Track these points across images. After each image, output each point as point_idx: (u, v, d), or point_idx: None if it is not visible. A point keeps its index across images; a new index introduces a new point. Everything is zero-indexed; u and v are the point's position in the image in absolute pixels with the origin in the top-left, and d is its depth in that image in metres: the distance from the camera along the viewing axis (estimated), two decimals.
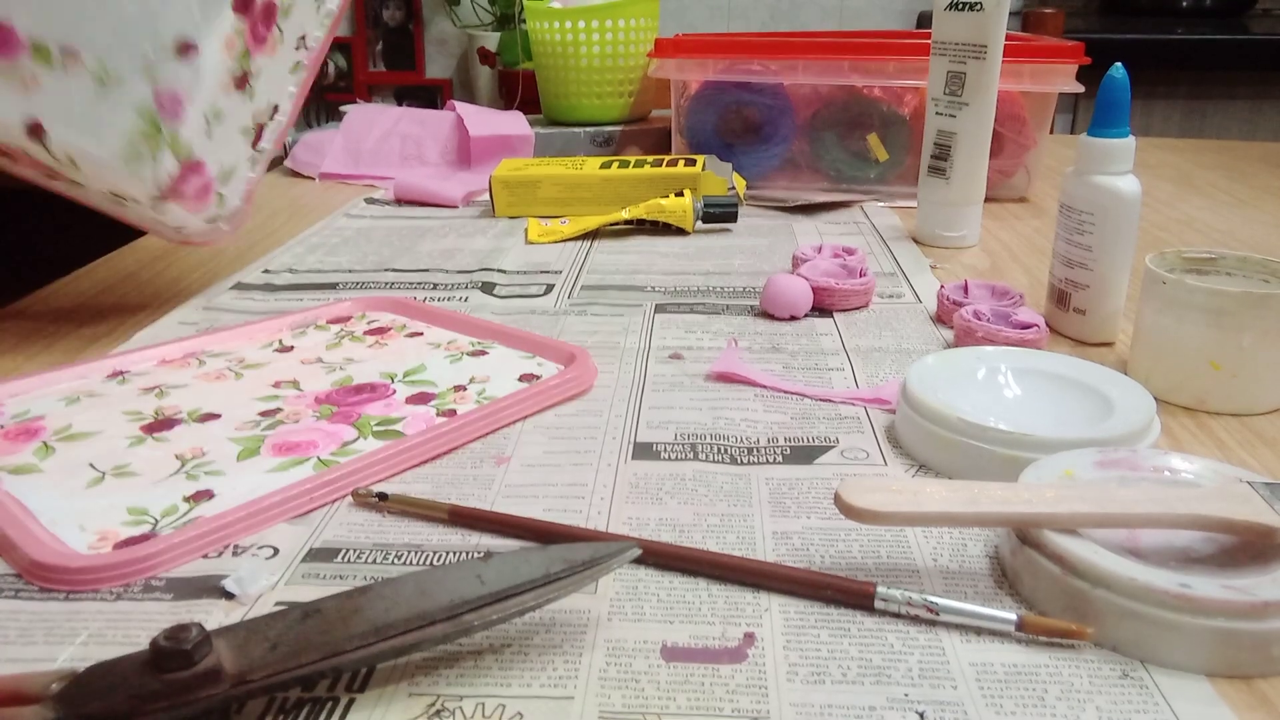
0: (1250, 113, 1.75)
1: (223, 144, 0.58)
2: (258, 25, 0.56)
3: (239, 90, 0.57)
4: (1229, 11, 2.00)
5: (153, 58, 0.52)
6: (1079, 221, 0.55)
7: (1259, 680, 0.31)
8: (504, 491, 0.42)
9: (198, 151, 0.56)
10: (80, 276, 0.72)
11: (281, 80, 0.61)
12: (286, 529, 0.39)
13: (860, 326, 0.60)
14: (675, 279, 0.69)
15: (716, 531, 0.38)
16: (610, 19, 1.04)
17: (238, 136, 0.59)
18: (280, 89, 0.61)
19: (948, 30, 0.73)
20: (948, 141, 0.74)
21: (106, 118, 0.52)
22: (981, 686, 0.30)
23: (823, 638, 0.32)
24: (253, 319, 0.60)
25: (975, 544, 0.37)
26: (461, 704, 0.30)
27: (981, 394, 0.45)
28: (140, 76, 0.52)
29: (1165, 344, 0.49)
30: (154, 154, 0.54)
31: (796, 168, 0.95)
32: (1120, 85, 0.53)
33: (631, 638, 0.32)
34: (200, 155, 0.56)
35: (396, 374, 0.52)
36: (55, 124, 0.52)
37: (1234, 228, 0.82)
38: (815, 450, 0.45)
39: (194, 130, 0.55)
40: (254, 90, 0.58)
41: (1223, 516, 0.33)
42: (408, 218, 0.87)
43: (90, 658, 0.30)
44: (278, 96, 0.61)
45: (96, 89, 0.51)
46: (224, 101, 0.56)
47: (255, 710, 0.29)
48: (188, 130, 0.54)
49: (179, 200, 0.57)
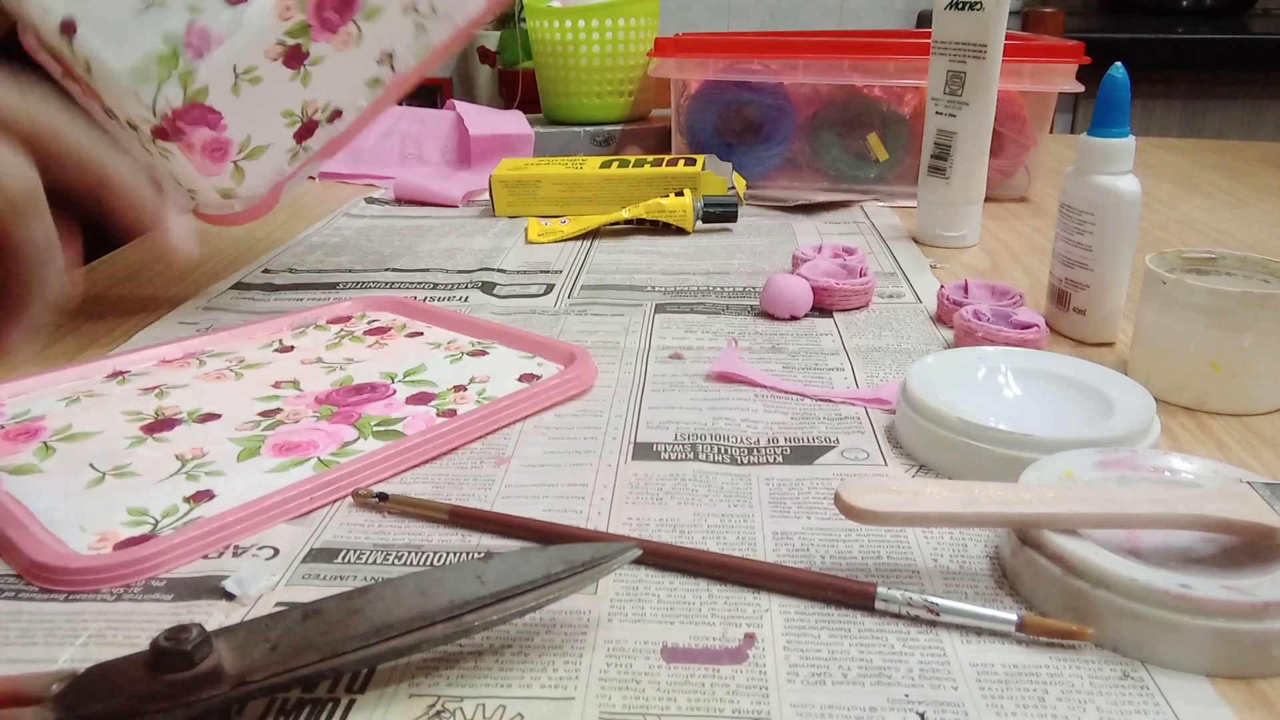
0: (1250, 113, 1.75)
1: (252, 110, 0.57)
2: (325, 8, 0.54)
3: (288, 66, 0.55)
4: (1229, 11, 2.00)
5: None
6: (1079, 221, 0.55)
7: (1259, 680, 0.31)
8: (504, 492, 0.42)
9: (213, 99, 0.55)
10: (80, 277, 0.72)
11: (350, 84, 0.59)
12: (287, 529, 0.39)
13: (860, 326, 0.60)
14: (675, 279, 0.69)
15: (716, 532, 0.38)
16: (610, 18, 1.04)
17: (276, 115, 0.58)
18: (346, 93, 0.60)
19: (948, 30, 0.73)
20: (948, 141, 0.74)
21: (135, 33, 0.52)
22: (982, 687, 0.30)
23: (823, 638, 0.32)
24: (253, 319, 0.60)
25: (975, 544, 0.37)
26: (462, 705, 0.30)
27: (981, 394, 0.45)
28: (183, 7, 0.52)
29: (1165, 344, 0.49)
30: (161, 80, 0.53)
31: (796, 167, 0.95)
32: (1120, 85, 0.53)
33: (632, 638, 0.32)
34: (216, 105, 0.55)
35: (396, 374, 0.52)
36: (87, 25, 0.52)
37: (1234, 228, 0.82)
38: (815, 450, 0.45)
39: (215, 75, 0.54)
40: (309, 75, 0.57)
41: (1223, 516, 0.33)
42: (408, 217, 0.87)
43: (90, 658, 0.29)
44: (341, 100, 0.60)
45: (138, 7, 0.52)
46: (265, 67, 0.55)
47: (256, 711, 0.29)
48: (207, 71, 0.54)
49: (181, 143, 0.56)
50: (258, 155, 0.59)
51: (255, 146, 0.58)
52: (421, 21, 0.59)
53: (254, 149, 0.58)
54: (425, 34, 0.60)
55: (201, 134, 0.56)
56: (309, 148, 0.61)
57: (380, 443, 0.44)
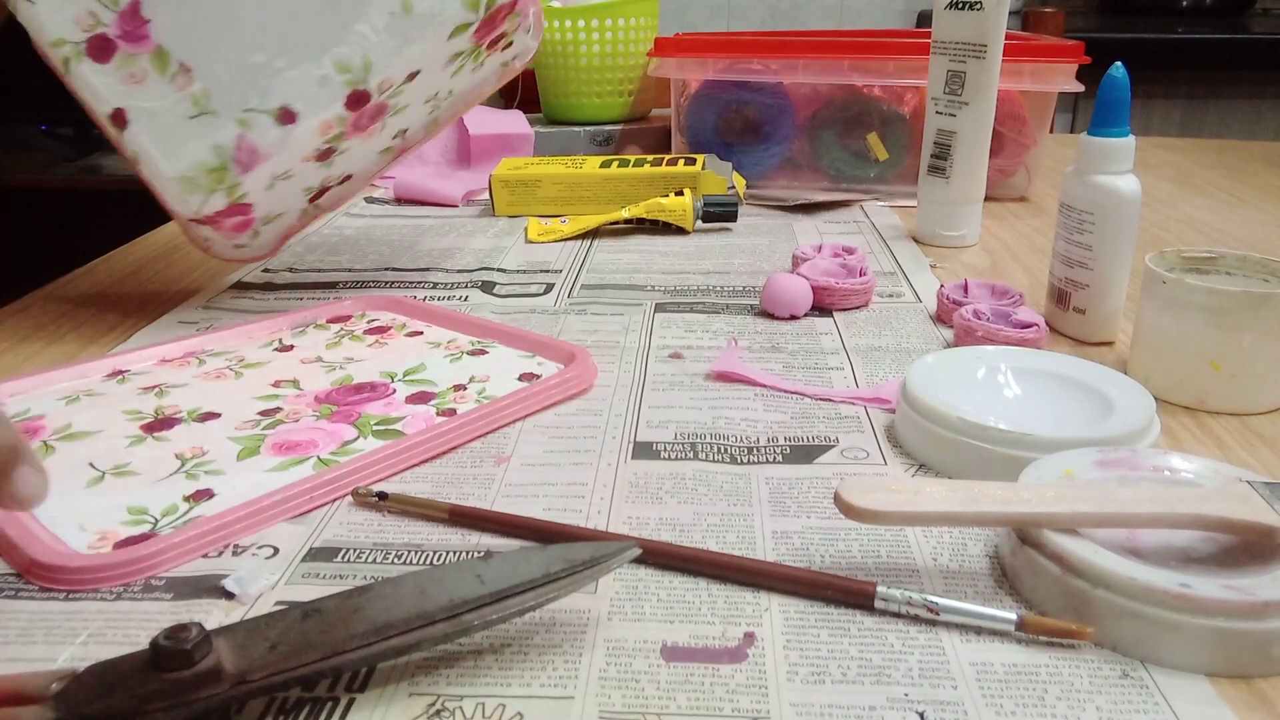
0: (1250, 112, 1.75)
1: (280, 197, 0.59)
2: (363, 119, 0.56)
3: (319, 161, 0.57)
4: (1229, 11, 2.00)
5: (254, 109, 0.53)
6: (1079, 221, 0.55)
7: (1259, 680, 0.31)
8: (504, 491, 0.42)
9: (251, 199, 0.57)
10: (80, 276, 0.72)
11: (365, 157, 0.62)
12: (286, 528, 0.39)
13: (860, 326, 0.60)
14: (675, 278, 0.69)
15: (716, 531, 0.38)
16: (610, 18, 1.04)
17: (298, 192, 0.60)
18: (360, 163, 0.62)
19: (948, 29, 0.73)
20: (948, 141, 0.74)
21: (185, 142, 0.54)
22: (981, 686, 0.30)
23: (823, 637, 0.32)
24: (253, 318, 0.60)
25: (975, 544, 0.37)
26: (461, 704, 0.30)
27: (981, 393, 0.45)
28: (234, 120, 0.53)
29: (1165, 344, 0.49)
30: (209, 191, 0.55)
31: (796, 167, 0.95)
32: (1120, 85, 0.53)
33: (631, 637, 0.32)
34: (252, 201, 0.57)
35: (396, 373, 0.52)
36: (138, 123, 0.53)
37: (1234, 228, 0.82)
38: (815, 450, 0.45)
39: (257, 184, 0.56)
40: (333, 163, 0.59)
41: (1223, 516, 0.33)
42: (408, 217, 0.87)
43: (90, 657, 0.29)
44: (355, 168, 0.62)
45: (190, 112, 0.53)
46: (299, 168, 0.57)
47: (255, 710, 0.29)
48: (250, 182, 0.55)
49: (214, 228, 0.58)
50: (275, 221, 0.61)
51: (275, 215, 0.60)
52: (438, 104, 0.62)
53: (274, 217, 0.61)
54: (438, 111, 0.63)
55: (232, 221, 0.58)
56: (320, 205, 0.63)
57: (380, 442, 0.44)
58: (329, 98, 0.54)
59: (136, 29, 0.51)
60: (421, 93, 0.59)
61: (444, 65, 0.58)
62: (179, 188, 0.55)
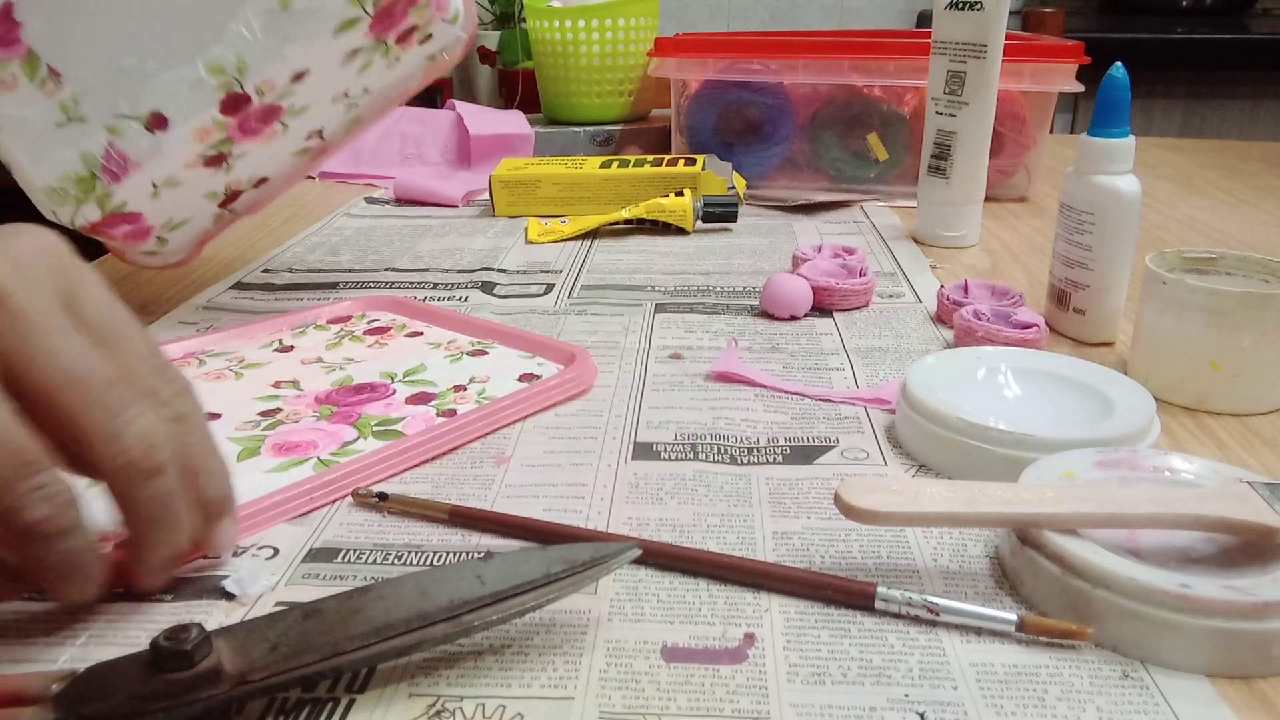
0: (1250, 113, 1.75)
1: (175, 204, 0.57)
2: (249, 122, 0.54)
3: (210, 167, 0.55)
4: (1229, 11, 2.00)
5: (124, 115, 0.51)
6: (1079, 221, 0.55)
7: (1259, 680, 0.31)
8: (504, 491, 0.42)
9: (132, 207, 0.55)
10: None
11: (276, 160, 0.59)
12: (286, 529, 0.39)
13: (860, 326, 0.60)
14: (675, 278, 0.69)
15: (716, 531, 0.38)
16: (610, 18, 1.04)
17: (199, 199, 0.58)
18: (274, 166, 0.60)
19: (948, 29, 0.73)
20: (948, 141, 0.74)
21: (53, 150, 0.52)
22: (982, 687, 0.30)
23: (823, 638, 0.32)
24: (253, 318, 0.60)
25: (975, 544, 0.37)
26: (461, 704, 0.30)
27: (981, 394, 0.45)
28: (103, 127, 0.51)
29: (1165, 344, 0.49)
30: (79, 202, 0.53)
31: (796, 167, 0.95)
32: (1120, 85, 0.53)
33: (631, 638, 0.32)
34: (138, 210, 0.55)
35: (396, 374, 0.52)
36: (5, 130, 0.51)
37: (1234, 228, 0.82)
38: (815, 450, 0.45)
39: (134, 192, 0.54)
40: (231, 167, 0.57)
41: (1223, 516, 0.33)
42: (408, 217, 0.87)
43: (90, 658, 0.30)
44: (268, 171, 0.60)
45: (58, 119, 0.51)
46: (185, 175, 0.55)
47: (255, 710, 0.29)
48: (125, 192, 0.53)
49: (104, 238, 0.56)
50: (180, 227, 0.59)
51: (178, 222, 0.59)
52: (354, 103, 0.60)
53: (177, 224, 0.59)
54: (357, 109, 0.60)
55: (122, 230, 0.56)
56: (234, 210, 0.61)
57: (380, 443, 0.44)
58: (202, 102, 0.52)
59: (9, 32, 0.49)
60: (323, 92, 0.57)
61: (342, 63, 0.55)
62: (47, 199, 0.53)
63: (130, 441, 0.30)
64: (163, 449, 0.31)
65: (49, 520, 0.29)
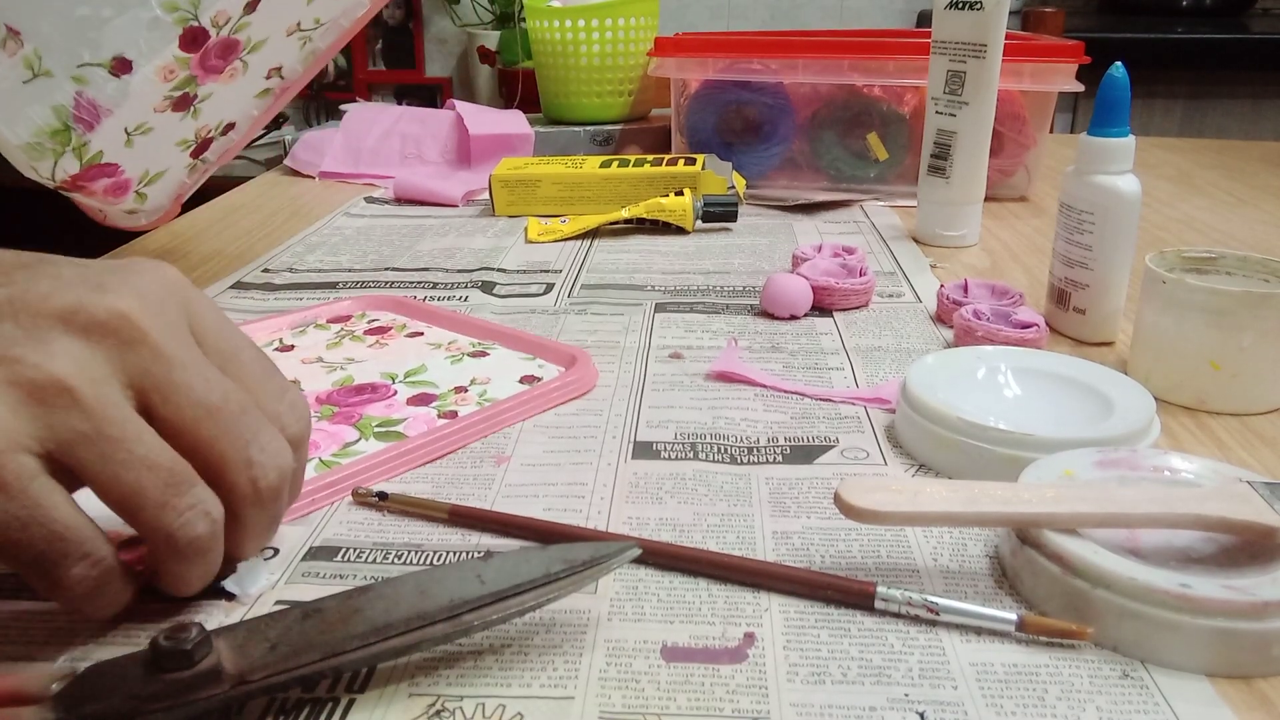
0: (1250, 112, 1.75)
1: (148, 153, 0.58)
2: (210, 58, 0.55)
3: (177, 110, 0.56)
4: (1229, 11, 2.00)
5: (88, 64, 0.52)
6: (1079, 221, 0.55)
7: (1259, 680, 0.31)
8: (504, 491, 0.42)
9: (110, 157, 0.56)
10: None
11: (241, 102, 0.60)
12: (286, 529, 0.39)
13: (860, 326, 0.60)
14: (675, 278, 0.69)
15: (716, 531, 0.38)
16: (610, 18, 1.04)
17: (172, 148, 0.59)
18: (238, 109, 0.61)
19: (948, 29, 0.73)
20: (948, 141, 0.74)
21: (24, 107, 0.52)
22: (982, 686, 0.30)
23: (823, 638, 0.32)
24: (252, 318, 0.60)
25: (975, 544, 0.37)
26: (461, 704, 0.30)
27: (981, 394, 0.45)
28: (69, 78, 0.52)
29: (1165, 344, 0.49)
30: (57, 156, 0.54)
31: (796, 167, 0.95)
32: (1120, 84, 0.53)
33: (631, 638, 0.32)
34: (114, 160, 0.56)
35: (397, 374, 0.52)
36: None
37: (1234, 228, 0.82)
38: (815, 450, 0.45)
39: (109, 140, 0.55)
40: (199, 110, 0.58)
41: (1223, 516, 0.33)
42: (408, 217, 0.87)
43: (90, 657, 0.30)
44: (234, 115, 0.61)
45: (24, 76, 0.52)
46: (155, 119, 0.56)
47: (255, 710, 0.29)
48: (101, 140, 0.54)
49: (84, 194, 0.57)
50: (157, 180, 0.60)
51: (154, 174, 0.59)
52: (307, 35, 0.61)
53: (153, 176, 0.60)
54: (311, 43, 0.61)
55: (102, 183, 0.57)
56: (206, 159, 0.62)
57: (381, 444, 0.44)
58: (161, 39, 0.53)
59: None
60: (277, 24, 0.58)
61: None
62: (26, 156, 0.54)
63: (262, 471, 0.32)
64: (286, 474, 0.33)
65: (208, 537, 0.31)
